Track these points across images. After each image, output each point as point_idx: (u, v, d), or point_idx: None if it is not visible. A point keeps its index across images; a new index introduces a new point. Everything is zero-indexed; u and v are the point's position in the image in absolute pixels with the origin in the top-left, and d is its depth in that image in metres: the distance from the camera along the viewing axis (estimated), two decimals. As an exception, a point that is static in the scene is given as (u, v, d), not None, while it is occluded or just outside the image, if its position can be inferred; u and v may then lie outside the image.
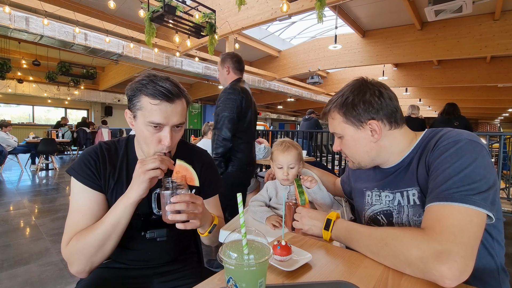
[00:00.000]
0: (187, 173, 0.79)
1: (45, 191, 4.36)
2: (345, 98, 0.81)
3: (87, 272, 0.77)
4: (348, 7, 6.57)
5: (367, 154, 0.83)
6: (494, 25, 5.87)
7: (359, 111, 0.79)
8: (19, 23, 5.23)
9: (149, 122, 0.76)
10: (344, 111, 0.81)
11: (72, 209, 0.81)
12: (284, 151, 1.17)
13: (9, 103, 11.35)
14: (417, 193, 0.75)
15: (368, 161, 0.85)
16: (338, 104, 0.83)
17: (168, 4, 4.34)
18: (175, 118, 0.79)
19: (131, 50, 6.84)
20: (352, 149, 0.85)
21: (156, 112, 0.76)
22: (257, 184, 2.97)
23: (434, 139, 0.73)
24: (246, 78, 9.84)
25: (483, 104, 13.65)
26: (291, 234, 0.84)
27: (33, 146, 6.30)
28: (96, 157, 0.85)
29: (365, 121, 0.79)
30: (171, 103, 0.77)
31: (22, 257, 2.16)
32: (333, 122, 0.86)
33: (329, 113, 0.87)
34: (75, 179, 0.81)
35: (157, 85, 0.76)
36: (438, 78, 9.06)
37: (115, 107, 13.59)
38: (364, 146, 0.82)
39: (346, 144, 0.85)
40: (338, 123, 0.84)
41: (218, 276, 0.57)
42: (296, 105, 17.77)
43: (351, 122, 0.81)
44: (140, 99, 0.77)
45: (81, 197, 0.81)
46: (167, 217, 0.73)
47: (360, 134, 0.81)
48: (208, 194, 0.98)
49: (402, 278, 0.56)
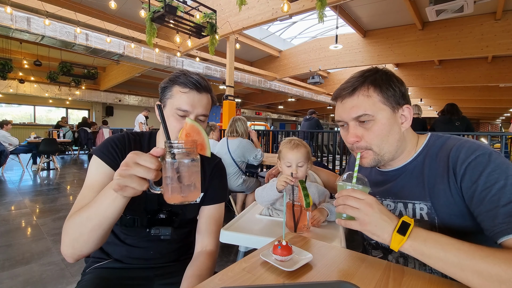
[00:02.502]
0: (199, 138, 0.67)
1: (47, 191, 4.37)
2: (380, 75, 0.71)
3: (70, 257, 0.71)
4: (349, 7, 6.57)
5: (397, 144, 0.72)
6: (495, 25, 5.86)
7: (397, 92, 0.71)
8: (20, 24, 5.25)
9: (177, 108, 0.81)
10: (385, 88, 0.70)
11: (85, 185, 0.79)
12: (293, 148, 1.14)
13: (11, 103, 11.38)
14: (427, 208, 0.70)
15: (393, 153, 0.74)
16: (377, 79, 0.70)
17: (169, 4, 4.34)
18: (200, 108, 0.83)
19: (132, 50, 6.85)
20: (383, 136, 0.71)
21: (184, 99, 0.81)
22: (257, 184, 2.97)
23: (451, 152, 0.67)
24: (247, 78, 9.85)
25: (484, 104, 13.63)
26: (292, 234, 0.84)
27: (34, 146, 6.32)
28: (122, 142, 0.86)
29: (402, 104, 0.71)
30: (199, 93, 0.83)
31: (23, 257, 2.16)
32: (365, 100, 0.70)
33: (361, 88, 0.71)
34: (97, 157, 0.81)
35: (189, 77, 0.83)
36: (439, 78, 9.04)
37: (116, 107, 13.61)
38: (396, 133, 0.72)
39: (377, 130, 0.70)
40: (374, 103, 0.70)
41: (219, 276, 0.57)
42: (297, 105, 17.77)
43: (389, 104, 0.70)
44: (172, 89, 0.83)
45: (97, 173, 0.80)
46: (169, 195, 0.55)
47: (394, 119, 0.71)
48: (212, 200, 0.95)
49: (403, 279, 0.56)
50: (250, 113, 18.51)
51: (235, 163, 2.76)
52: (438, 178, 0.68)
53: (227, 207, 3.41)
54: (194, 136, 0.67)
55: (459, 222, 0.66)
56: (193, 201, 0.59)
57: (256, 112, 19.14)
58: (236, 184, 2.77)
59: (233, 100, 6.78)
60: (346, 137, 0.75)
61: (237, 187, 2.79)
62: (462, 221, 0.66)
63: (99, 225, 0.64)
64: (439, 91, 12.08)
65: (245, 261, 0.63)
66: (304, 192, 0.95)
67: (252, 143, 2.91)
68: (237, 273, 0.58)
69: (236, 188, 2.80)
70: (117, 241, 0.89)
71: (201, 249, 0.90)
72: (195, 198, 0.58)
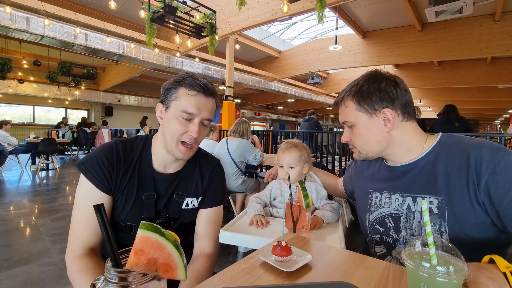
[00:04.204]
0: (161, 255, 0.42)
1: (46, 191, 4.36)
2: (360, 86, 0.80)
3: None
4: (349, 8, 6.58)
5: (378, 144, 0.81)
6: (494, 26, 5.88)
7: (373, 99, 0.78)
8: (20, 24, 5.24)
9: (182, 111, 0.79)
10: (358, 98, 0.80)
11: (77, 209, 0.79)
12: (284, 151, 1.19)
13: (10, 103, 11.36)
14: (438, 202, 0.73)
15: (377, 151, 0.82)
16: (352, 92, 0.82)
17: (169, 5, 4.35)
18: (206, 112, 0.82)
19: (131, 50, 6.85)
20: (363, 138, 0.82)
21: (191, 102, 0.80)
22: (257, 184, 2.97)
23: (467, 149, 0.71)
24: (247, 78, 9.86)
25: (484, 105, 13.65)
26: (291, 234, 0.84)
27: (33, 146, 6.30)
28: (111, 158, 0.81)
29: (379, 109, 0.78)
30: (206, 97, 0.82)
31: (22, 257, 2.15)
32: (345, 110, 0.84)
33: (342, 101, 0.85)
34: (86, 178, 0.79)
35: (196, 79, 0.81)
36: (439, 79, 9.06)
37: (115, 108, 13.60)
38: (375, 136, 0.80)
39: (357, 133, 0.82)
40: (351, 111, 0.82)
41: (218, 277, 0.57)
42: (297, 105, 17.78)
43: (364, 110, 0.79)
44: (177, 90, 0.81)
45: (87, 197, 0.79)
46: None
47: (372, 122, 0.79)
48: (210, 203, 0.94)
49: (402, 279, 0.56)
50: (250, 114, 18.51)
51: (235, 163, 2.76)
52: (454, 174, 0.71)
53: (226, 207, 3.41)
54: (152, 253, 0.41)
55: (472, 216, 0.69)
56: None
57: (256, 113, 19.15)
58: (236, 184, 2.76)
59: (233, 100, 6.78)
60: None
61: (236, 188, 2.79)
62: (474, 216, 0.69)
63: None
64: (439, 92, 12.10)
65: (245, 261, 0.63)
66: (304, 193, 0.95)
67: (251, 144, 2.92)
68: (236, 274, 0.58)
69: (236, 188, 2.79)
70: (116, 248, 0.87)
71: (200, 252, 0.89)
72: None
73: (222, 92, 7.67)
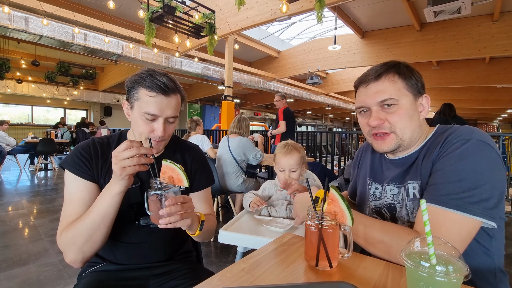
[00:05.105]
0: (174, 173, 0.76)
1: (44, 192, 4.35)
2: (404, 65, 0.77)
3: (80, 262, 0.78)
4: (348, 8, 6.59)
5: (417, 130, 0.76)
6: (493, 26, 5.89)
7: (418, 82, 0.76)
8: (18, 23, 5.23)
9: (145, 112, 0.80)
10: (408, 77, 0.75)
11: (66, 200, 0.82)
12: (286, 154, 1.15)
13: (8, 103, 11.33)
14: (418, 186, 0.74)
15: (411, 139, 0.77)
16: (402, 68, 0.76)
17: (168, 5, 4.34)
18: (169, 111, 0.83)
19: (130, 50, 6.84)
20: (406, 120, 0.75)
21: (152, 104, 0.80)
22: (256, 184, 2.98)
23: (444, 136, 0.72)
24: (246, 78, 9.85)
25: (482, 105, 13.69)
26: (290, 235, 0.84)
27: (32, 146, 6.29)
28: (88, 150, 0.86)
29: (422, 93, 0.77)
30: (166, 97, 0.82)
31: (21, 258, 2.15)
32: (391, 85, 0.75)
33: (386, 74, 0.75)
34: (68, 171, 0.83)
35: (155, 79, 0.80)
36: (437, 79, 9.08)
37: (114, 108, 13.58)
38: (416, 120, 0.76)
39: (400, 114, 0.74)
40: (399, 88, 0.74)
41: (217, 277, 0.57)
42: (296, 105, 17.78)
43: (412, 91, 0.75)
44: (138, 91, 0.81)
45: (74, 187, 0.82)
46: (158, 221, 0.70)
47: (415, 106, 0.76)
48: (199, 187, 0.99)
49: (401, 279, 0.56)
50: (249, 114, 18.51)
51: (236, 161, 2.76)
52: (427, 158, 0.73)
53: (226, 207, 3.41)
54: (169, 172, 0.76)
55: None
56: None
57: (255, 113, 19.16)
58: (236, 183, 2.77)
59: (232, 100, 6.78)
60: (367, 121, 0.78)
61: (236, 187, 2.79)
62: None
63: (104, 223, 0.75)
64: (437, 92, 12.12)
65: (244, 261, 0.63)
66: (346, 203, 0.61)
67: (252, 142, 2.93)
68: (236, 274, 0.58)
69: (236, 188, 2.79)
70: (110, 242, 0.86)
71: None
72: None
73: (221, 92, 7.67)
